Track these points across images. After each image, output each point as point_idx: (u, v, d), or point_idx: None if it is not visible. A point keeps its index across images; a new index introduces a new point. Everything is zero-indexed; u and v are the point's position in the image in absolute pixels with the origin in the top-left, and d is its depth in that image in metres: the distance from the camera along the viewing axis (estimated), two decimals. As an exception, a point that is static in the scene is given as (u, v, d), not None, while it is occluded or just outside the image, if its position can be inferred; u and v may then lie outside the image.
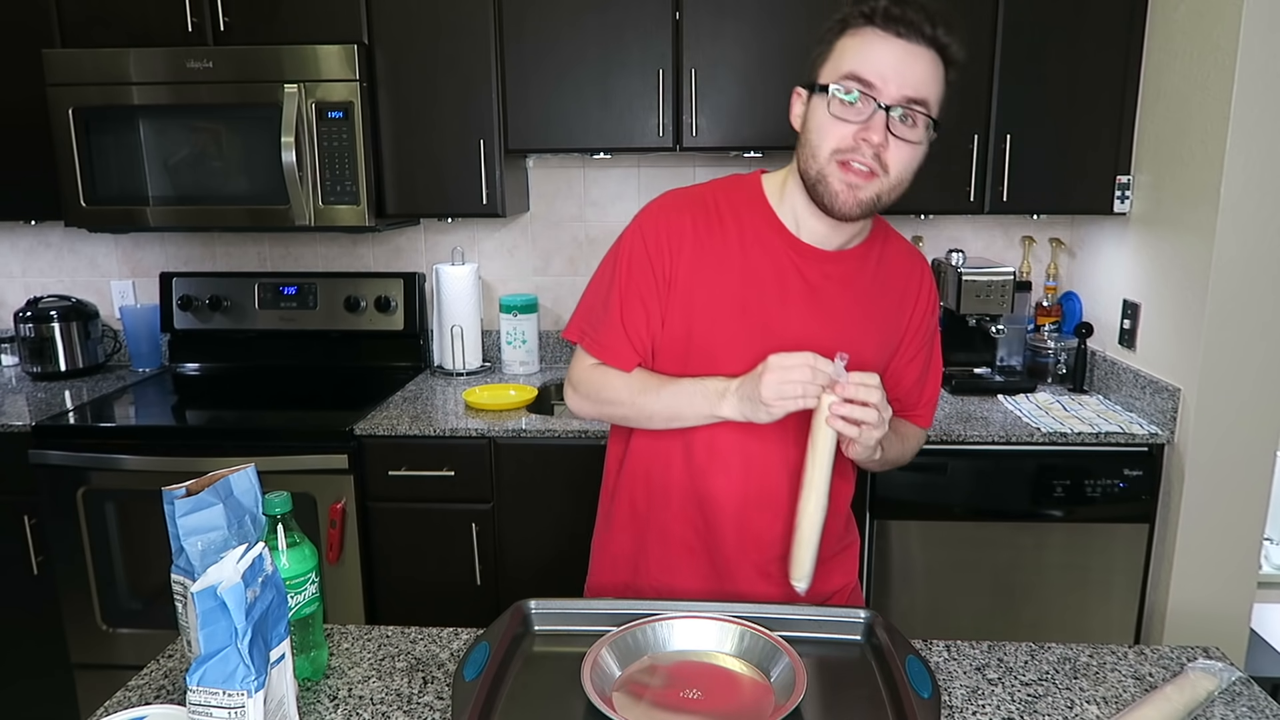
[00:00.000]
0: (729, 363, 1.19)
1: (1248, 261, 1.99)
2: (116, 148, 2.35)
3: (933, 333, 1.35)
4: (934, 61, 1.11)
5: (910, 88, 1.09)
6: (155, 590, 2.31)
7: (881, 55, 1.09)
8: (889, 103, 1.09)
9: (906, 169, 1.13)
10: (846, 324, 1.23)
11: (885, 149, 1.10)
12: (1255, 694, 1.07)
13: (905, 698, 0.95)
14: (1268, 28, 1.88)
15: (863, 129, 1.10)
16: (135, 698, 1.07)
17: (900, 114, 1.09)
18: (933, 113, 1.12)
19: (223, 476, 1.01)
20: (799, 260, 1.21)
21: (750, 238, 1.22)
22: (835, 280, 1.23)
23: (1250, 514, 2.11)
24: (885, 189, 1.14)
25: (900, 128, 1.10)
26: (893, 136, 1.10)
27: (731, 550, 1.28)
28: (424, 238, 2.83)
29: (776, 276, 1.21)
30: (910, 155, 1.12)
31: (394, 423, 2.23)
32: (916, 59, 1.09)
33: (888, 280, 1.27)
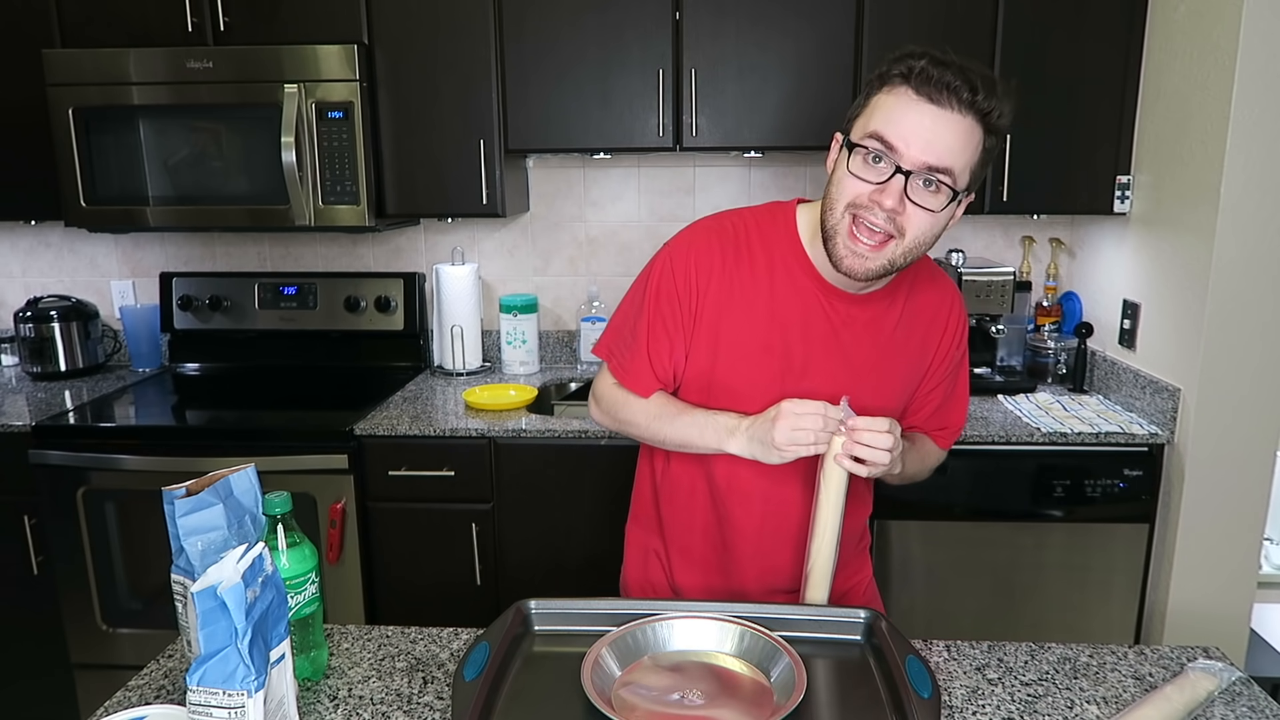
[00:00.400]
0: (749, 399, 1.21)
1: (1248, 261, 1.99)
2: (116, 148, 2.35)
3: (958, 362, 1.34)
4: (969, 129, 1.07)
5: (934, 156, 1.06)
6: (155, 590, 2.31)
7: (910, 120, 1.06)
8: (909, 168, 1.07)
9: (923, 235, 1.11)
10: (869, 367, 1.24)
11: (901, 214, 1.09)
12: (1255, 694, 1.07)
13: (905, 698, 0.95)
14: (1268, 28, 1.88)
15: (878, 190, 1.09)
16: (135, 698, 1.07)
17: (922, 180, 1.08)
18: (958, 183, 1.08)
19: (223, 476, 1.01)
20: (825, 301, 1.22)
21: (779, 275, 1.21)
22: (860, 324, 1.23)
23: (1250, 514, 2.11)
24: (899, 254, 1.12)
25: (920, 193, 1.08)
26: (910, 202, 1.08)
27: (750, 578, 1.33)
28: (424, 238, 2.83)
29: (802, 317, 1.21)
30: (928, 222, 1.10)
31: (394, 423, 2.23)
32: (946, 127, 1.05)
33: (915, 319, 1.27)
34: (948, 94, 1.04)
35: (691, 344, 1.24)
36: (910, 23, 2.27)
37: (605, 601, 1.15)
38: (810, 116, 2.34)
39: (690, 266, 1.22)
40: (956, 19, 2.27)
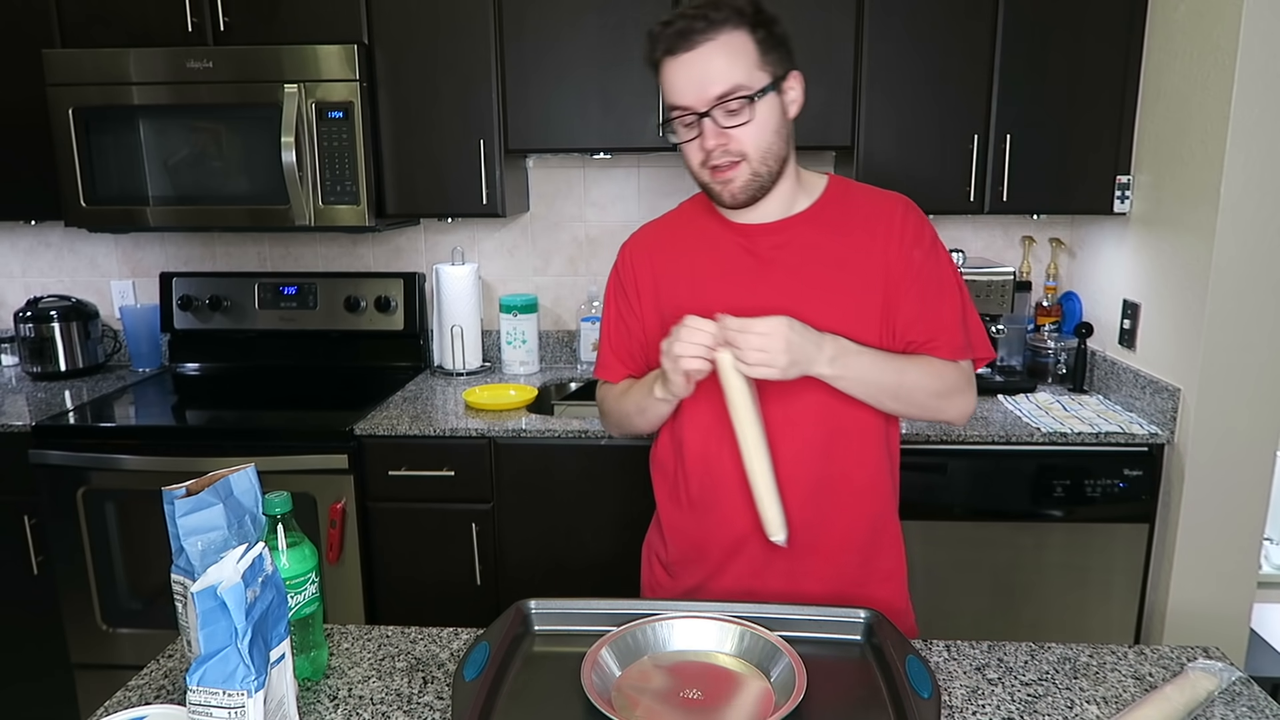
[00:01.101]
0: None
1: (1248, 261, 1.99)
2: (116, 148, 2.35)
3: (927, 265, 1.28)
4: (726, 45, 1.15)
5: (713, 88, 1.16)
6: (155, 590, 2.31)
7: (679, 77, 1.18)
8: (703, 109, 1.17)
9: (760, 139, 1.19)
10: (812, 289, 1.25)
11: (729, 142, 1.18)
12: (1255, 694, 1.07)
13: (905, 698, 0.94)
14: (1268, 28, 1.88)
15: (701, 141, 1.19)
16: (135, 698, 1.07)
17: (721, 111, 1.16)
18: (751, 85, 1.16)
19: (223, 476, 1.01)
20: (743, 240, 1.29)
21: (697, 236, 1.32)
22: (788, 247, 1.27)
23: (1250, 514, 2.11)
24: (755, 166, 1.20)
25: (727, 119, 1.17)
26: (726, 129, 1.17)
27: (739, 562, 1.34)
28: (424, 238, 2.83)
29: (720, 263, 1.29)
30: (755, 130, 1.18)
31: (394, 423, 2.23)
32: (704, 61, 1.16)
33: (849, 230, 1.27)
34: (686, 39, 1.16)
35: (646, 326, 1.35)
36: (910, 22, 2.27)
37: (605, 601, 1.15)
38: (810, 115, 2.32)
39: (627, 261, 1.38)
40: (956, 19, 2.27)
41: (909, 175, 2.35)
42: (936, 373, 1.27)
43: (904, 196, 1.32)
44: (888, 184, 2.36)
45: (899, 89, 2.31)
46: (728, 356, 1.14)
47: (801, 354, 1.14)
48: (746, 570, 1.32)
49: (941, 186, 2.35)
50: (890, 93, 2.31)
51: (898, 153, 2.34)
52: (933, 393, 1.26)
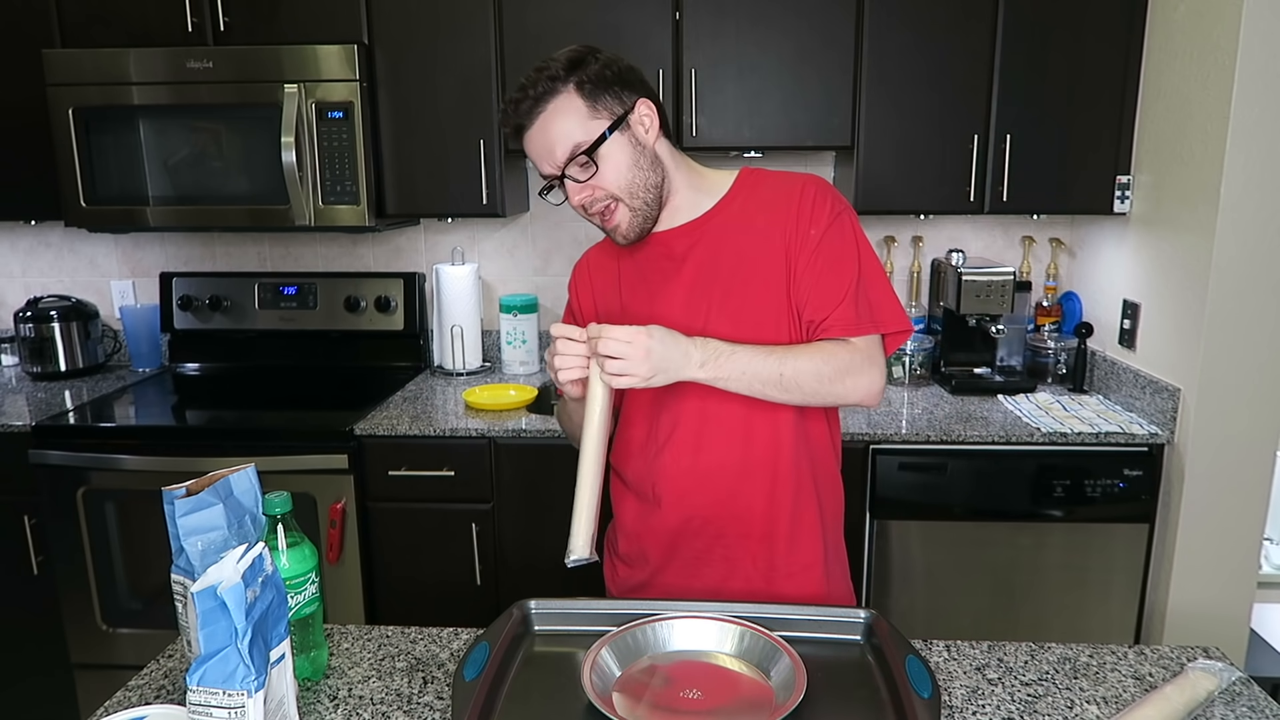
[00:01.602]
0: None
1: (1248, 261, 1.99)
2: (116, 148, 2.35)
3: (820, 241, 1.25)
4: (557, 110, 1.21)
5: (558, 156, 1.22)
6: (155, 590, 2.31)
7: (531, 151, 1.26)
8: (557, 174, 1.24)
9: (622, 177, 1.24)
10: (727, 284, 1.27)
11: (591, 193, 1.25)
12: (1255, 694, 1.07)
13: (905, 698, 0.95)
14: (1268, 28, 1.88)
15: (570, 201, 1.27)
16: (135, 698, 1.07)
17: (573, 170, 1.23)
18: (589, 139, 1.21)
19: (223, 476, 1.01)
20: (657, 248, 1.33)
21: (625, 254, 1.37)
22: (698, 246, 1.30)
23: (1250, 514, 2.11)
24: (631, 202, 1.26)
25: (582, 174, 1.23)
26: (583, 184, 1.24)
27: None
28: (424, 238, 2.83)
29: (643, 273, 1.34)
30: (613, 172, 1.23)
31: (394, 423, 2.23)
32: (542, 135, 1.23)
33: (755, 220, 1.29)
34: (523, 117, 1.23)
35: None
36: (910, 22, 2.27)
37: (605, 601, 1.15)
38: (810, 116, 2.35)
39: (574, 282, 1.45)
40: (956, 19, 2.27)
41: (909, 175, 2.35)
42: (824, 356, 1.23)
43: (815, 176, 1.31)
44: (888, 183, 2.38)
45: (899, 89, 2.31)
46: (595, 366, 1.17)
47: (665, 362, 1.16)
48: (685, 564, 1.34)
49: (941, 186, 2.35)
50: (890, 93, 2.31)
51: (898, 153, 2.34)
52: (822, 377, 1.22)
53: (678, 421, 1.30)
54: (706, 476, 1.30)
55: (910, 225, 2.72)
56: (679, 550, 1.34)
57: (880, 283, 1.29)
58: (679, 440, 1.30)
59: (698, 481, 1.31)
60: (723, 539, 1.32)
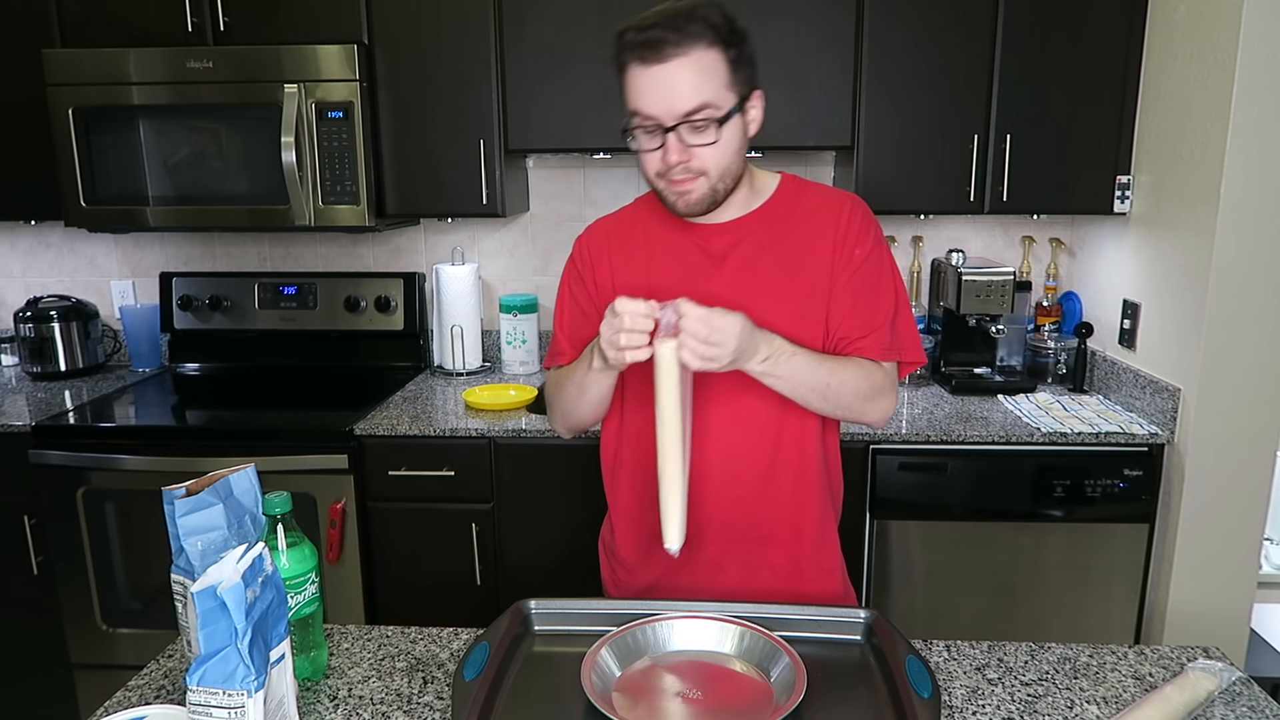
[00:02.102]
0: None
1: (1248, 261, 1.99)
2: (116, 148, 2.35)
3: (864, 263, 1.28)
4: (698, 61, 1.13)
5: (682, 104, 1.13)
6: (155, 590, 2.31)
7: (647, 88, 1.15)
8: (670, 124, 1.15)
9: (722, 160, 1.19)
10: (761, 286, 1.26)
11: (689, 159, 1.17)
12: (1255, 694, 1.07)
13: (905, 698, 0.95)
14: (1268, 28, 1.88)
15: (663, 154, 1.18)
16: (135, 698, 1.07)
17: (687, 127, 1.15)
18: (720, 105, 1.15)
19: (223, 476, 1.01)
20: (697, 239, 1.29)
21: (655, 238, 1.32)
22: (740, 246, 1.28)
23: (1250, 514, 2.11)
24: (713, 182, 1.20)
25: (693, 137, 1.16)
26: (692, 147, 1.16)
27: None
28: (424, 238, 2.83)
29: (678, 259, 1.30)
30: (717, 152, 1.17)
31: (394, 423, 2.23)
32: (678, 74, 1.13)
33: (799, 228, 1.28)
34: (659, 49, 1.12)
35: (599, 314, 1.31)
36: (910, 22, 2.27)
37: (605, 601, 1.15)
38: (810, 116, 2.34)
39: (585, 252, 1.37)
40: (956, 19, 2.27)
41: (909, 175, 2.35)
42: (864, 374, 1.26)
43: (855, 195, 1.33)
44: (888, 183, 2.38)
45: (899, 89, 2.31)
46: (670, 347, 1.07)
47: (744, 350, 1.13)
48: (703, 566, 1.32)
49: (941, 186, 2.35)
50: (890, 93, 2.31)
51: (898, 153, 2.34)
52: (859, 394, 1.25)
53: (707, 418, 1.27)
54: (733, 477, 1.29)
55: (910, 225, 2.72)
56: (696, 553, 1.31)
57: (909, 314, 1.33)
58: (707, 438, 1.27)
59: (724, 482, 1.29)
60: (743, 542, 1.31)
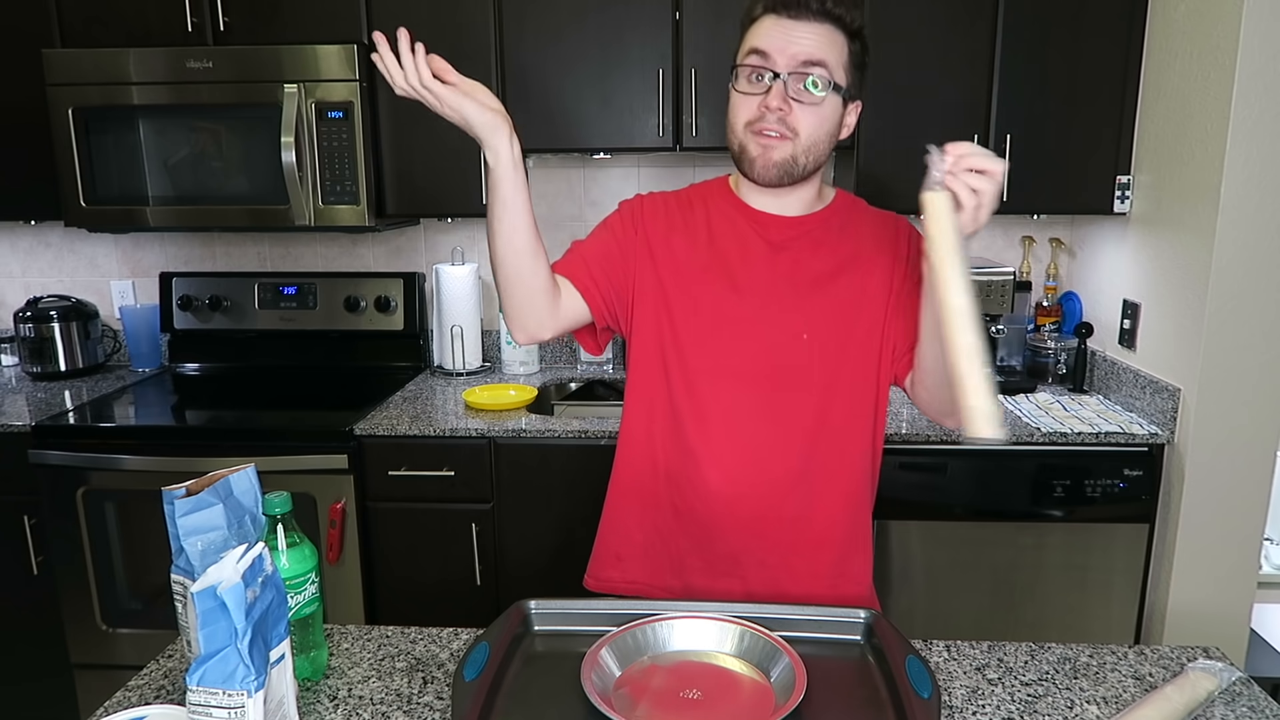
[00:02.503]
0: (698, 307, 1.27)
1: (1248, 261, 1.99)
2: (116, 148, 2.35)
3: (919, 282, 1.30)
4: (829, 32, 1.17)
5: (803, 54, 1.16)
6: (155, 590, 2.31)
7: (776, 32, 1.17)
8: (784, 69, 1.16)
9: (816, 130, 1.19)
10: (818, 282, 1.26)
11: (789, 113, 1.18)
12: (1255, 694, 1.07)
13: (905, 698, 0.94)
14: (1268, 28, 1.88)
15: (765, 98, 1.18)
16: (135, 698, 1.07)
17: (801, 82, 1.17)
18: (834, 76, 1.17)
19: (223, 476, 1.01)
20: (758, 227, 1.29)
21: (716, 215, 1.32)
22: (799, 239, 1.28)
23: (1250, 514, 2.11)
24: (799, 150, 1.20)
25: (800, 91, 1.17)
26: (795, 101, 1.17)
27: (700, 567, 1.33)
28: (424, 238, 2.83)
29: (738, 240, 1.29)
30: (816, 117, 1.18)
31: (394, 423, 2.23)
32: (808, 30, 1.16)
33: (858, 234, 1.30)
34: (803, 10, 1.17)
35: (635, 269, 1.31)
36: (910, 21, 2.27)
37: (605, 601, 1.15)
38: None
39: (641, 205, 1.35)
40: (956, 18, 2.27)
41: (909, 175, 2.33)
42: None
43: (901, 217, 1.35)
44: (887, 183, 2.39)
45: (899, 88, 2.31)
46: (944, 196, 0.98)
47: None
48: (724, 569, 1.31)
49: (941, 186, 2.35)
50: (890, 92, 2.31)
51: (897, 152, 2.34)
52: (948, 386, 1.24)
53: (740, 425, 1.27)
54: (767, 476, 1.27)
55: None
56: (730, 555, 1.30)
57: None
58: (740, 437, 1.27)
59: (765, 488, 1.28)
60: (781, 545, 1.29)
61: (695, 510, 1.30)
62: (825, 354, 1.25)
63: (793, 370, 1.25)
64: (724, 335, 1.26)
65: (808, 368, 1.25)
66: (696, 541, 1.31)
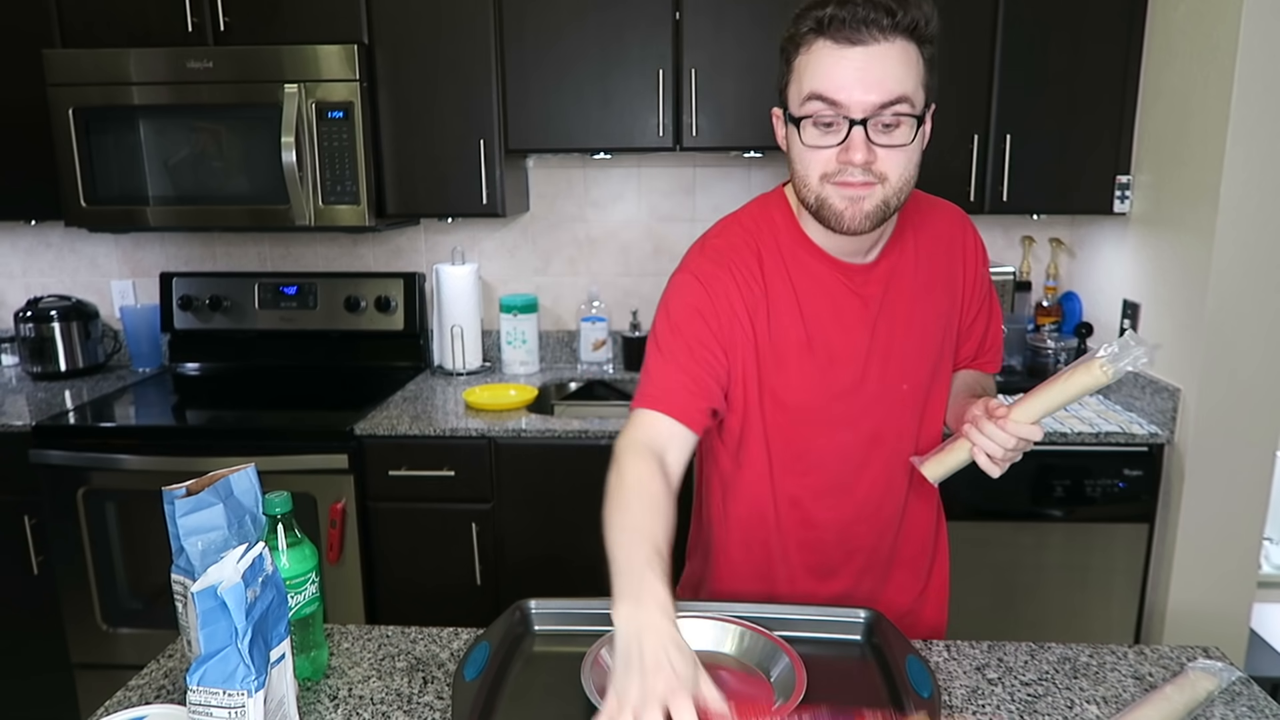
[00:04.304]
0: (799, 397, 1.18)
1: (1248, 261, 1.99)
2: (117, 148, 2.35)
3: (987, 283, 1.32)
4: (903, 51, 1.01)
5: (879, 93, 0.99)
6: (155, 590, 2.31)
7: (840, 69, 1.00)
8: (862, 116, 1.00)
9: (906, 169, 1.05)
10: (909, 322, 1.20)
11: (874, 161, 1.02)
12: (1255, 694, 1.07)
13: (905, 698, 0.95)
14: (1268, 28, 1.88)
15: (843, 151, 1.02)
16: (135, 698, 1.07)
17: (881, 123, 1.01)
18: (915, 108, 1.02)
19: (223, 476, 1.01)
20: (846, 281, 1.16)
21: (797, 272, 1.16)
22: (886, 286, 1.18)
23: (1250, 514, 2.11)
24: (890, 194, 1.05)
25: (882, 136, 1.02)
26: (877, 147, 1.02)
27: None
28: (424, 238, 2.83)
29: (831, 303, 1.16)
30: (904, 158, 1.04)
31: (394, 423, 2.23)
32: (879, 60, 0.99)
33: (934, 256, 1.22)
34: (866, 29, 0.99)
35: (739, 358, 1.16)
36: (910, 23, 2.27)
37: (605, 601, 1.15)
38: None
39: (727, 299, 1.14)
40: (956, 18, 2.27)
41: (909, 175, 2.34)
42: (985, 387, 1.35)
43: (952, 204, 1.30)
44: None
45: (899, 89, 2.31)
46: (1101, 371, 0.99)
47: None
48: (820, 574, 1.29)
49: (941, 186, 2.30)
50: (890, 93, 2.31)
51: (898, 153, 2.34)
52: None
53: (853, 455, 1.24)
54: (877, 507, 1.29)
55: (910, 225, 2.72)
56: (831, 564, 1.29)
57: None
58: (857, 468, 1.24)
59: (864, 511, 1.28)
60: (871, 571, 1.32)
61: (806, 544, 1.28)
62: (917, 392, 1.23)
63: (895, 420, 1.23)
64: (830, 410, 1.19)
65: (909, 413, 1.24)
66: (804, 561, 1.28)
